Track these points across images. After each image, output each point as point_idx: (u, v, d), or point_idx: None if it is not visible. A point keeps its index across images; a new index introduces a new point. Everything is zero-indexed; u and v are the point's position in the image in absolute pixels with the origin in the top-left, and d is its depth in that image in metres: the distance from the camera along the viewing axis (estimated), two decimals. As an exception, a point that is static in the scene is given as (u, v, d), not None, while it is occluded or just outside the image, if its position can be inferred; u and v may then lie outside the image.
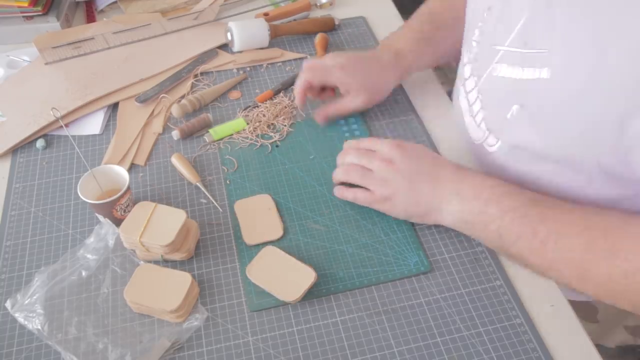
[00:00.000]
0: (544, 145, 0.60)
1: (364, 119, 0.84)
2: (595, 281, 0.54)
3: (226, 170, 0.77)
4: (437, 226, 0.70)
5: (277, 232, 0.69)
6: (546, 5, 0.54)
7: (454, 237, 0.68)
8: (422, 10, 0.86)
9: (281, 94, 0.89)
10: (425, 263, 0.66)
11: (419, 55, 0.82)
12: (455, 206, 0.63)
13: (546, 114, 0.57)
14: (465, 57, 0.72)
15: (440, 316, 0.61)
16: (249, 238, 0.68)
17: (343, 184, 0.72)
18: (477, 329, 0.60)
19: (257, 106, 0.86)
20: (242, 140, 0.81)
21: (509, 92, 0.61)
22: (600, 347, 0.60)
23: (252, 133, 0.82)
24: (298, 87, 0.80)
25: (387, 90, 0.83)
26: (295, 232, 0.70)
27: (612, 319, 0.85)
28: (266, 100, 0.87)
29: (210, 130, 0.82)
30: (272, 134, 0.82)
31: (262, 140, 0.81)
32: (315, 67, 0.79)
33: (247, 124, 0.83)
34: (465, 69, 0.72)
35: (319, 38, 0.98)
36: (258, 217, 0.70)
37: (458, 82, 0.77)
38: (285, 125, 0.83)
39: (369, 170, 0.68)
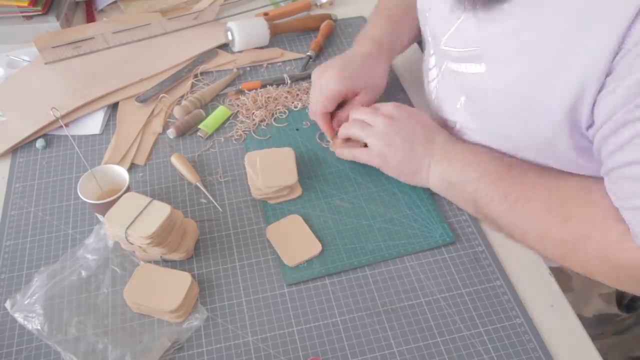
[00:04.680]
0: (481, 135, 0.67)
1: None
2: (552, 243, 0.59)
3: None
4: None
5: (293, 178, 0.72)
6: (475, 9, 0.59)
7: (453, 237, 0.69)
8: None
9: (269, 87, 0.89)
10: (450, 234, 0.68)
11: (396, 36, 0.84)
12: (441, 166, 0.68)
13: (485, 105, 0.63)
14: (430, 49, 0.76)
15: (440, 316, 0.61)
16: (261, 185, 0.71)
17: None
18: (477, 329, 0.60)
19: (242, 93, 0.88)
20: (260, 127, 0.84)
21: (457, 84, 0.67)
22: (579, 317, 0.62)
23: (268, 118, 0.85)
24: (324, 126, 0.80)
25: (384, 77, 0.83)
26: (323, 210, 0.72)
27: (586, 287, 0.87)
28: (252, 90, 0.89)
29: (201, 126, 0.82)
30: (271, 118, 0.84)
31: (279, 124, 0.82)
32: (319, 99, 0.78)
33: (231, 112, 0.86)
34: (430, 60, 0.76)
35: (324, 25, 0.99)
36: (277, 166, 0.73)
37: (424, 72, 0.80)
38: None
39: (370, 125, 0.71)
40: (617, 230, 0.53)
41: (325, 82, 0.77)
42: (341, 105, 0.80)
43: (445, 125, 0.73)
